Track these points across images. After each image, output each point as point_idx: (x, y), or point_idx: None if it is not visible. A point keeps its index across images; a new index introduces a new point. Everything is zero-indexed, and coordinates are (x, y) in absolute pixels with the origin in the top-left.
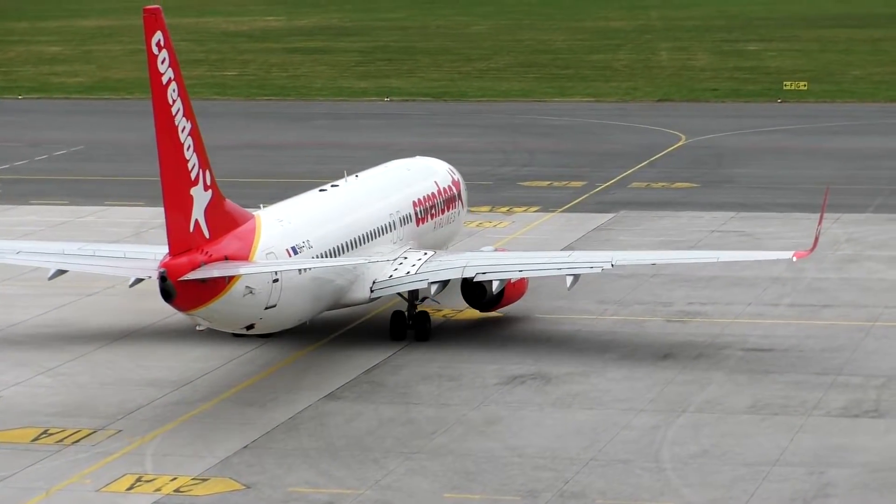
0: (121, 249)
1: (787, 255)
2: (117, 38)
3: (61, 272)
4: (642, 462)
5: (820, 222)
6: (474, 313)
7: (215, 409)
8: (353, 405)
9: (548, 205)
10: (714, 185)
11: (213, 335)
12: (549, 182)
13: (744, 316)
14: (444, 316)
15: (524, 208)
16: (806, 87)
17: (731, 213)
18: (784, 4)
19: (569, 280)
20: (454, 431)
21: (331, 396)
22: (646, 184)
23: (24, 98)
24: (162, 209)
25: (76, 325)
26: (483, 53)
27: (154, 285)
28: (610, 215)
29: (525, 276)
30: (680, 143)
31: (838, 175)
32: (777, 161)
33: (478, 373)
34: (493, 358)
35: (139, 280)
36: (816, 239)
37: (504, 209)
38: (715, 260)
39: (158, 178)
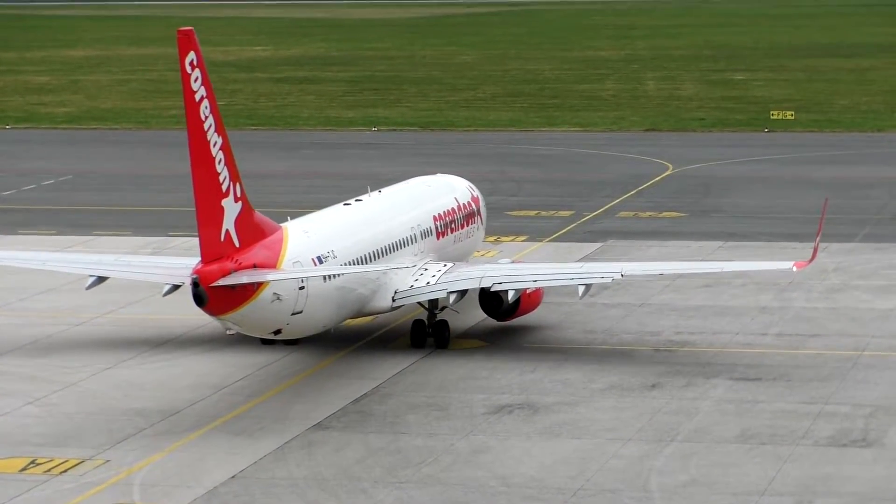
0: (156, 260)
1: (788, 265)
2: (105, 68)
3: (101, 279)
4: (630, 492)
5: (818, 233)
6: (460, 344)
7: (203, 438)
8: (341, 434)
9: (536, 234)
10: (702, 215)
11: (200, 363)
12: (536, 211)
13: (732, 345)
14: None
15: (512, 237)
16: (793, 117)
17: (719, 243)
18: (771, 34)
19: (581, 290)
20: (442, 461)
21: (319, 426)
22: (633, 213)
23: (11, 128)
24: (149, 239)
25: (63, 356)
26: (470, 83)
27: (145, 311)
28: (598, 244)
29: (540, 287)
30: (667, 173)
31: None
32: (764, 190)
33: (466, 402)
34: (480, 387)
35: (174, 288)
36: (815, 250)
37: (492, 238)
38: (719, 270)
39: (147, 208)
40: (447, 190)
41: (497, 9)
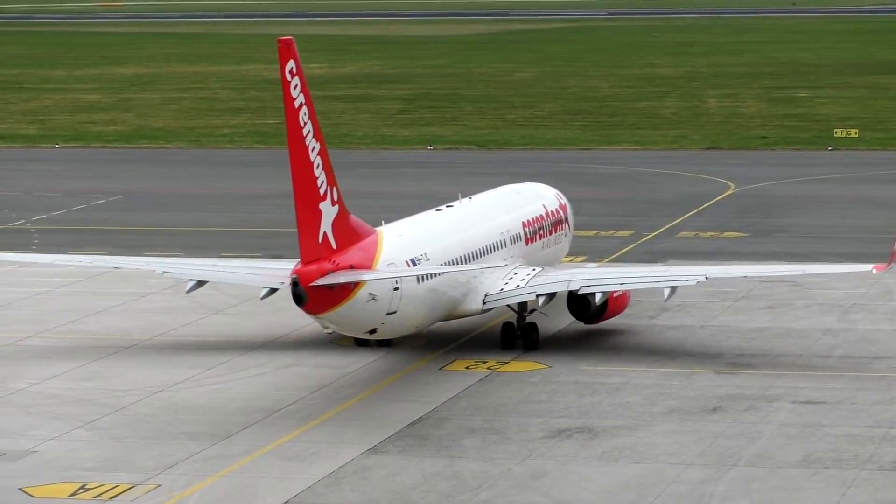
0: (253, 264)
1: (867, 267)
2: (156, 86)
3: (200, 284)
4: None
5: None
6: (518, 366)
7: (255, 463)
8: (396, 459)
9: (594, 254)
10: (764, 235)
11: (251, 386)
12: (595, 231)
13: (794, 368)
14: (488, 369)
15: (570, 258)
16: (857, 135)
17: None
18: (834, 51)
19: (666, 292)
20: (499, 486)
21: (374, 450)
22: (694, 233)
23: (60, 147)
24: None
25: (113, 378)
26: (528, 101)
27: (195, 333)
28: (658, 265)
29: (626, 289)
30: (729, 192)
31: (890, 224)
32: (828, 210)
33: (523, 426)
34: (538, 411)
35: (272, 291)
36: (894, 253)
37: None
38: (801, 273)
39: (198, 228)
40: (535, 197)
41: (554, 25)
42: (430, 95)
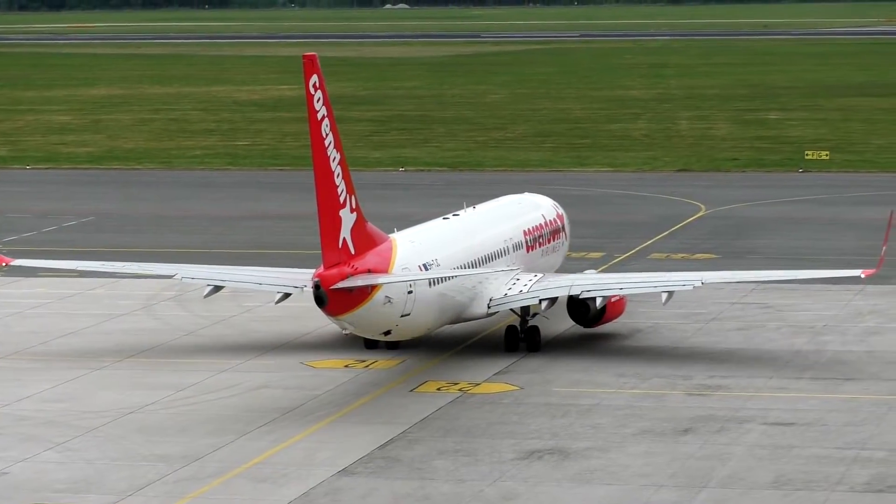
0: (268, 271)
1: (856, 272)
2: (126, 108)
3: (217, 289)
4: None
5: (885, 243)
6: (489, 388)
7: (226, 485)
8: (367, 481)
9: None
10: (735, 257)
11: (223, 408)
12: (567, 253)
13: (765, 389)
14: (460, 390)
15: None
16: (828, 157)
17: (752, 285)
18: (806, 73)
19: (664, 297)
20: None
21: (345, 472)
22: (665, 255)
23: (31, 168)
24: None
25: (83, 400)
26: (500, 122)
27: (166, 355)
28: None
29: (625, 294)
30: (700, 214)
31: (861, 246)
32: (799, 232)
33: (494, 448)
34: (510, 432)
35: (286, 296)
36: (882, 259)
37: None
38: (793, 277)
39: (169, 250)
40: (534, 207)
41: (526, 47)
42: (402, 117)
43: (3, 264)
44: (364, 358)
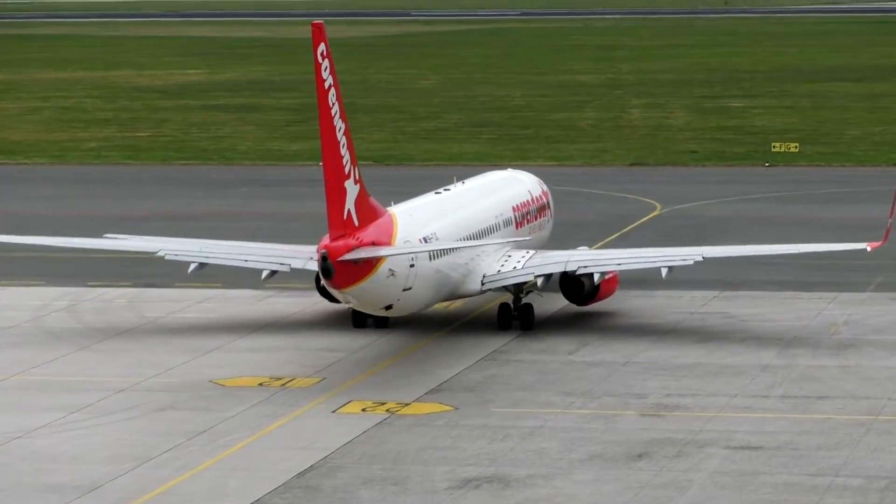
0: (255, 246)
1: (862, 245)
2: (13, 95)
3: (202, 266)
4: None
5: (891, 214)
6: (420, 408)
7: None
8: None
9: None
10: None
11: (122, 431)
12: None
13: (729, 409)
14: (387, 411)
15: None
16: (797, 149)
17: (714, 293)
18: (772, 56)
19: (664, 272)
20: None
21: (259, 503)
22: None
23: None
24: (66, 289)
25: None
26: (431, 111)
27: (58, 371)
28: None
29: (621, 270)
30: (655, 213)
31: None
32: (765, 233)
33: (426, 475)
34: (443, 458)
35: (272, 273)
36: (888, 231)
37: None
38: (795, 251)
39: (62, 256)
40: (520, 183)
41: (462, 27)
42: None
43: None
44: (280, 375)
